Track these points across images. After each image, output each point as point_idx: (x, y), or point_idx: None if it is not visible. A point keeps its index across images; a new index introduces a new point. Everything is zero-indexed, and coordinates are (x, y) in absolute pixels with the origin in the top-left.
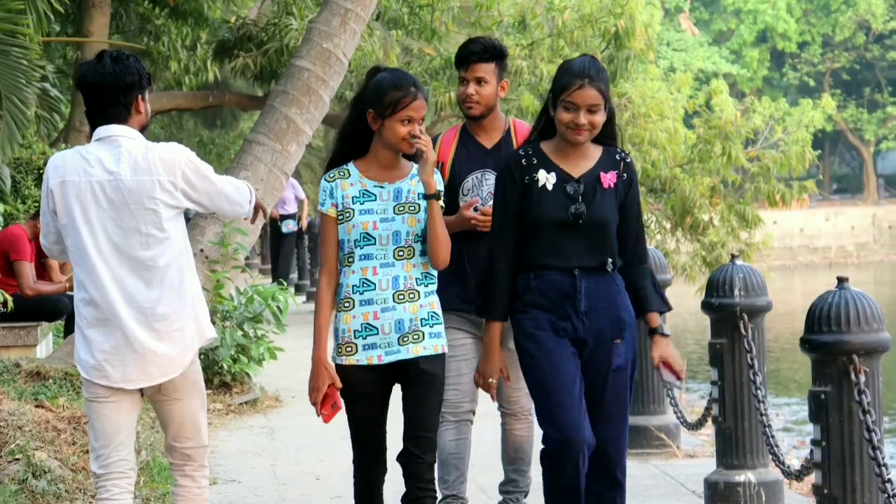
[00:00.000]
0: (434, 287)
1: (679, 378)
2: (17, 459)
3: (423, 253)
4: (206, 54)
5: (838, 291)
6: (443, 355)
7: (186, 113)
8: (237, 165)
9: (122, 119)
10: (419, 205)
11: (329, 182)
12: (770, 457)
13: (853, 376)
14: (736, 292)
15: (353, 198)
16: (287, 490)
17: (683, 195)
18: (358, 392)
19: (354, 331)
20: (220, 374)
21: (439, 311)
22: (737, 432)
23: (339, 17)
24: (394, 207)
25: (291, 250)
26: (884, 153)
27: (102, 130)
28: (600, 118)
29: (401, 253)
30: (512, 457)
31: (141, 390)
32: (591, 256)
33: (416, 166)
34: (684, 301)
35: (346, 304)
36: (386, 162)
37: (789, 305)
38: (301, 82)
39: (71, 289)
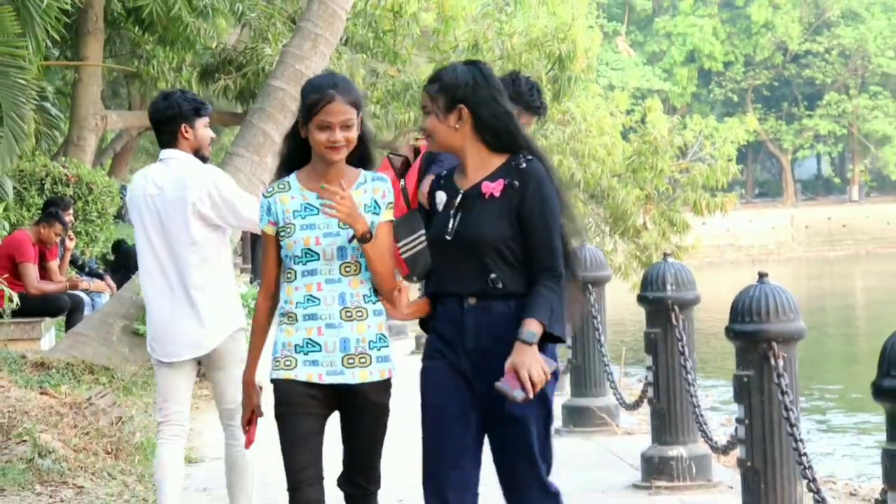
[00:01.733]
0: (382, 306)
1: (524, 390)
2: (25, 441)
3: None
4: (192, 76)
5: (759, 285)
6: (389, 381)
7: None
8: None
9: (171, 144)
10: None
11: (267, 198)
12: (699, 434)
13: (772, 361)
14: (668, 287)
15: (293, 212)
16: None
17: (618, 202)
18: (293, 411)
19: (296, 345)
20: None
21: (387, 333)
22: (670, 412)
23: (310, 42)
24: (338, 221)
25: None
26: (800, 161)
27: (161, 153)
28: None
29: (347, 269)
30: None
31: (198, 360)
32: (478, 277)
33: (363, 173)
34: (621, 297)
35: (290, 319)
36: (326, 171)
37: (716, 298)
38: (276, 100)
39: (70, 288)
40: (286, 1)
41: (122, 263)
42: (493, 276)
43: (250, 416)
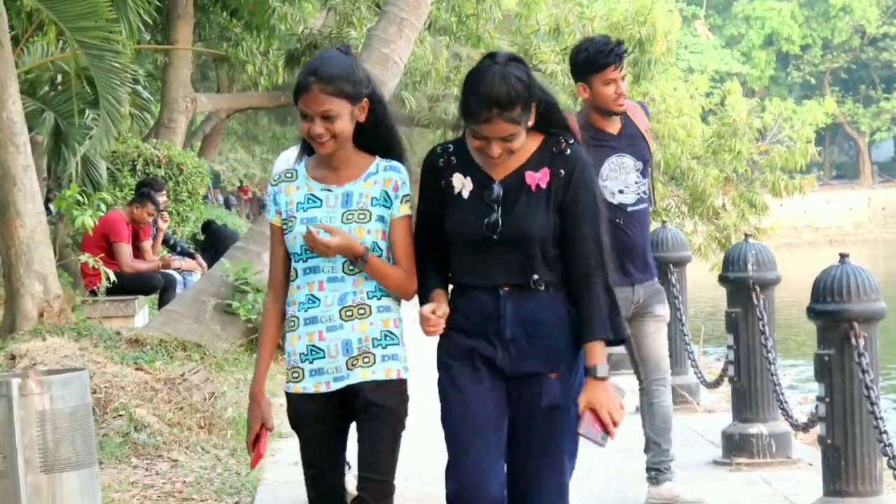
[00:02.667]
0: (390, 302)
1: (607, 433)
2: (121, 416)
3: None
4: (278, 59)
5: (840, 266)
6: (398, 381)
7: (261, 111)
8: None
9: None
10: (370, 212)
11: (273, 186)
12: (780, 411)
13: (853, 341)
14: (749, 267)
15: (297, 203)
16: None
17: (697, 184)
18: (305, 424)
19: (300, 353)
20: None
21: (397, 331)
22: (750, 390)
23: (395, 26)
24: (342, 215)
25: None
26: (877, 143)
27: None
28: (517, 143)
29: (351, 267)
30: (660, 427)
31: None
32: (518, 273)
33: (377, 162)
34: (700, 276)
35: (292, 324)
36: (328, 160)
37: (794, 279)
38: None
39: (163, 267)
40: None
41: (212, 243)
42: (535, 276)
43: (258, 432)
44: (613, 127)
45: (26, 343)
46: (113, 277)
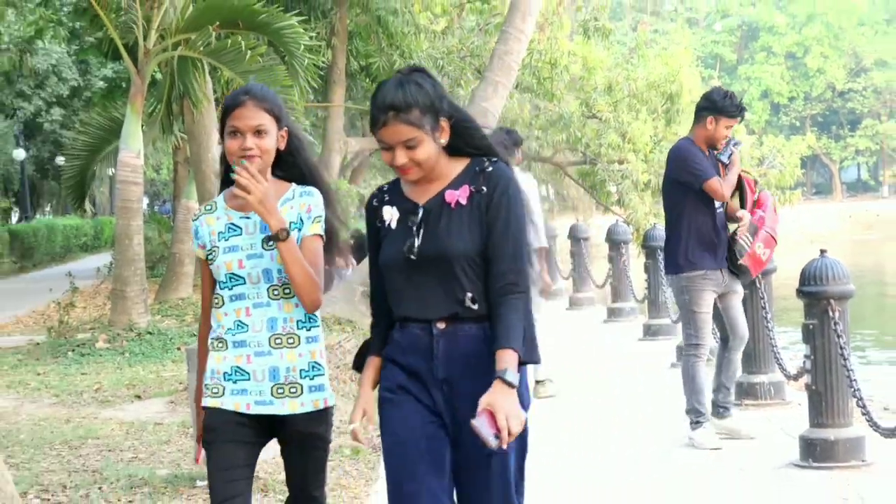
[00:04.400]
0: (318, 332)
1: (499, 437)
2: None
3: None
4: None
5: (821, 259)
6: (325, 409)
7: None
8: None
9: None
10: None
11: (195, 221)
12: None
13: (830, 314)
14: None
15: (218, 233)
16: None
17: None
18: (218, 438)
19: (224, 373)
20: None
21: (323, 361)
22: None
23: (492, 87)
24: (262, 241)
25: None
26: (845, 168)
27: None
28: (421, 152)
29: (275, 292)
30: (731, 375)
31: None
32: (449, 299)
33: (293, 188)
34: None
35: (219, 345)
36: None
37: (788, 268)
38: None
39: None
40: (474, 57)
41: (359, 246)
42: (468, 294)
43: (200, 435)
44: (707, 155)
45: None
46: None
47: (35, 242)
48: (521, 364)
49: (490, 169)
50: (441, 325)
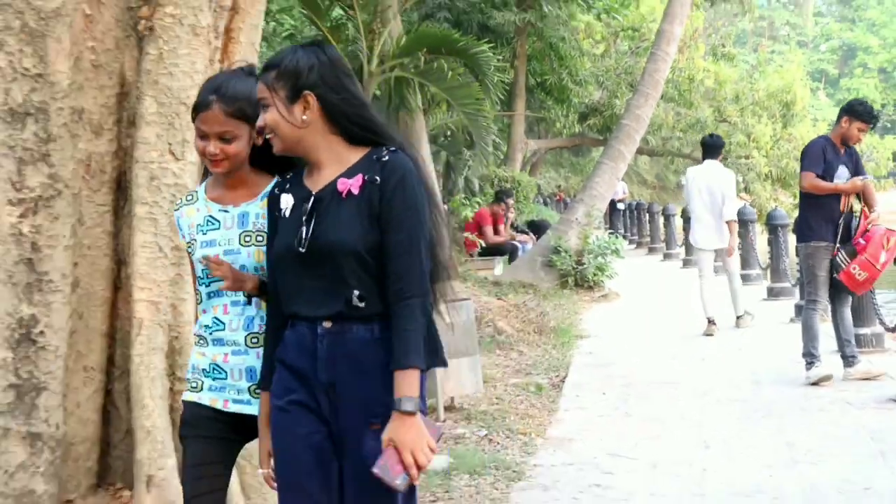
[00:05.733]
0: None
1: (407, 475)
2: (489, 326)
3: None
4: (574, 118)
5: None
6: None
7: (564, 149)
8: (595, 175)
9: (714, 157)
10: (266, 233)
11: (175, 212)
12: None
13: None
14: None
15: (197, 226)
16: (623, 338)
17: None
18: (193, 433)
19: (203, 369)
20: (587, 282)
21: None
22: None
23: (643, 98)
24: (240, 236)
25: (620, 216)
26: None
27: (706, 162)
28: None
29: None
30: (850, 329)
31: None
32: (332, 300)
33: (276, 182)
34: None
35: (200, 341)
36: (224, 180)
37: None
38: (624, 132)
39: (510, 240)
40: (627, 74)
41: (536, 226)
42: (355, 292)
43: None
44: (841, 150)
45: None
46: (482, 246)
47: None
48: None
49: (386, 158)
50: (326, 325)
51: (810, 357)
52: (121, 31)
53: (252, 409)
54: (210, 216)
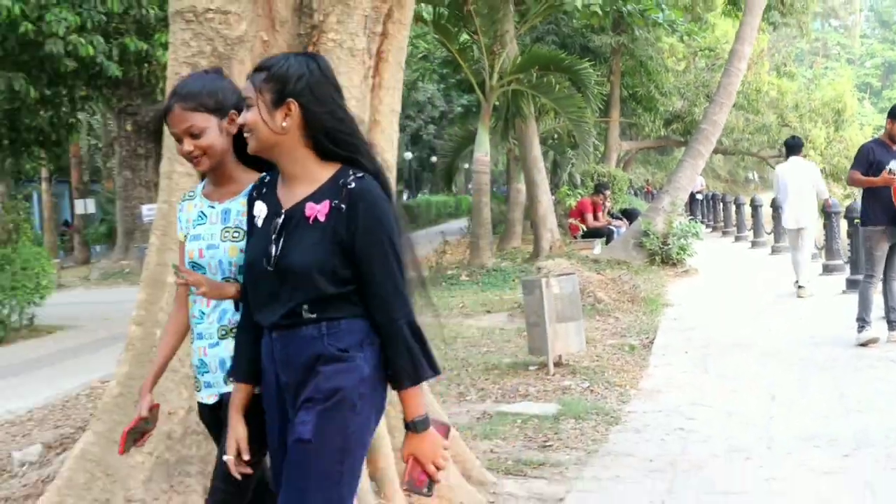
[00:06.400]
0: None
1: (433, 481)
2: (591, 296)
3: None
4: (660, 123)
5: None
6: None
7: (652, 149)
8: (677, 171)
9: (797, 154)
10: (243, 231)
11: (178, 206)
12: None
13: None
14: None
15: (192, 220)
16: (702, 307)
17: None
18: (209, 429)
19: (196, 366)
20: (672, 260)
21: None
22: None
23: (718, 106)
24: (220, 232)
25: (698, 205)
26: None
27: (791, 158)
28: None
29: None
30: (895, 298)
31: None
32: (286, 310)
33: (261, 178)
34: None
35: (193, 335)
36: (213, 177)
37: None
38: (702, 134)
39: (607, 224)
40: (704, 87)
41: (628, 213)
42: (305, 307)
43: (133, 424)
44: (892, 147)
45: (544, 262)
46: (583, 230)
47: (419, 212)
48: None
49: (352, 186)
50: (279, 332)
51: (862, 322)
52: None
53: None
54: (201, 211)
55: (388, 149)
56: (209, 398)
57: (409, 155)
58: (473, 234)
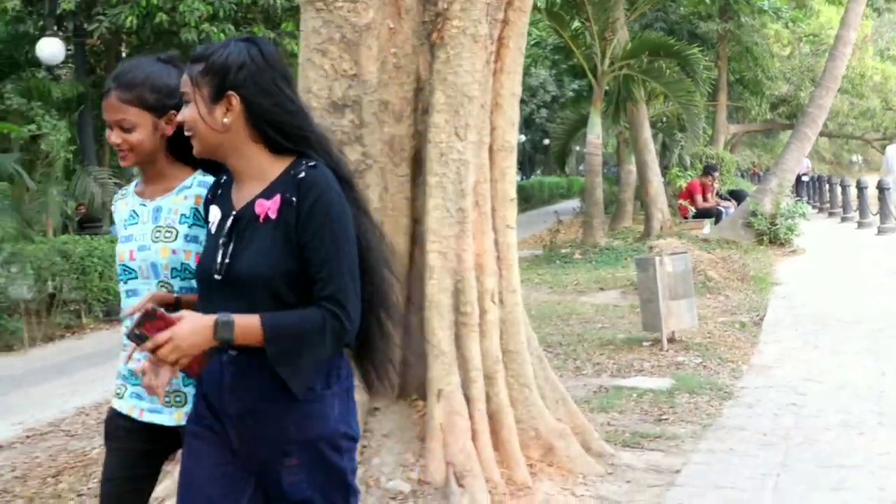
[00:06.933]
0: None
1: (145, 338)
2: (701, 274)
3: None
4: (765, 107)
5: None
6: None
7: (759, 133)
8: (785, 153)
9: None
10: (176, 230)
11: (113, 206)
12: None
13: None
14: None
15: (124, 220)
16: (810, 285)
17: None
18: (109, 445)
19: (123, 375)
20: (779, 240)
21: None
22: None
23: (825, 90)
24: (152, 231)
25: (804, 187)
26: None
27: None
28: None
29: (164, 289)
30: None
31: None
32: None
33: (195, 176)
34: None
35: (125, 344)
36: (146, 173)
37: None
38: (809, 117)
39: (715, 205)
40: (808, 72)
41: (736, 194)
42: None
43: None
44: None
45: (655, 241)
46: (693, 210)
47: (531, 192)
48: (271, 358)
49: (303, 175)
50: (233, 353)
51: None
52: (416, 40)
53: (162, 419)
54: (133, 210)
55: (508, 130)
56: (130, 410)
57: (522, 138)
58: (586, 213)
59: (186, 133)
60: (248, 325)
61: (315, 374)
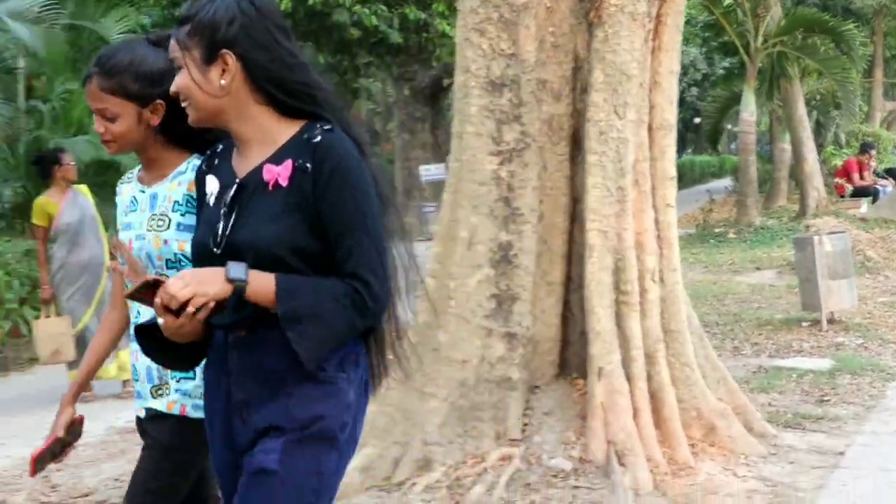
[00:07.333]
0: None
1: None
2: (860, 254)
3: None
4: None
5: None
6: (179, 418)
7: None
8: None
9: None
10: (169, 219)
11: (117, 190)
12: None
13: None
14: None
15: (126, 207)
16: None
17: None
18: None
19: (134, 375)
20: None
21: (198, 369)
22: None
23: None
24: (147, 220)
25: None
26: None
27: None
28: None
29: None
30: None
31: None
32: (245, 305)
33: (191, 161)
34: None
35: (130, 339)
36: (143, 158)
37: None
38: None
39: (873, 183)
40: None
41: (893, 173)
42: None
43: (46, 446)
44: None
45: (811, 220)
46: (850, 189)
47: (683, 171)
48: (282, 317)
49: (318, 139)
50: (240, 332)
51: None
52: (574, 19)
53: (149, 403)
54: (133, 196)
55: (667, 108)
56: (139, 410)
57: None
58: (740, 192)
59: (182, 103)
60: (261, 273)
61: (329, 351)
